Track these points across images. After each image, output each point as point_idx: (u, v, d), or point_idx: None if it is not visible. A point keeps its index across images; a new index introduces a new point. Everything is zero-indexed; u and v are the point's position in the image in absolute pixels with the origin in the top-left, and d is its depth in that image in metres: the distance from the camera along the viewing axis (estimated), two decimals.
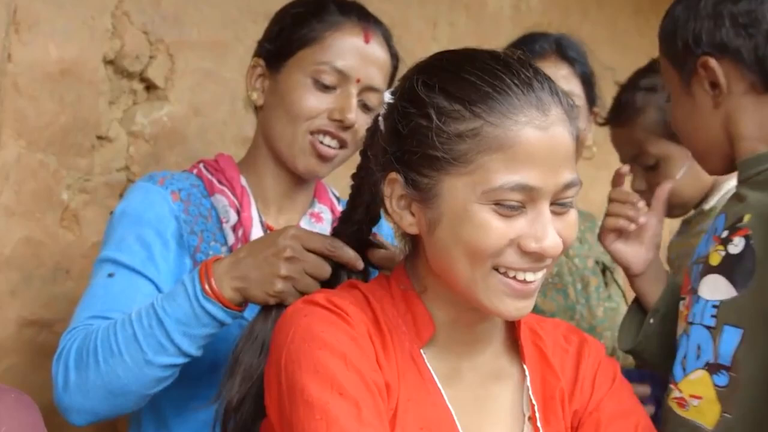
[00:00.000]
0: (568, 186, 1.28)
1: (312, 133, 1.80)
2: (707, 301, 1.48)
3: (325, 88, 1.79)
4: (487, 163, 1.25)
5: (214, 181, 1.84)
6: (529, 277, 1.30)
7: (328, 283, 1.54)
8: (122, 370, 1.55)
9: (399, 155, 1.32)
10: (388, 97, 1.39)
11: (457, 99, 1.27)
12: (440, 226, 1.30)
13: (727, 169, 1.62)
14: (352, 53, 1.80)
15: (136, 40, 2.16)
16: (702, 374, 1.46)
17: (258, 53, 1.89)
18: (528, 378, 1.41)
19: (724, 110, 1.54)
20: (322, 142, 1.80)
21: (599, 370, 1.45)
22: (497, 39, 2.99)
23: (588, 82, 2.35)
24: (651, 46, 2.45)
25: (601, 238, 1.82)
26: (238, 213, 1.81)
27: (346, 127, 1.79)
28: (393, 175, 1.34)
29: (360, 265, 1.57)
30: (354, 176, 1.56)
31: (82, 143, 2.08)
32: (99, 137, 2.12)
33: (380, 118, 1.40)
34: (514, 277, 1.29)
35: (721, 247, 1.49)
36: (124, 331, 1.57)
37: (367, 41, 1.82)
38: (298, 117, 1.79)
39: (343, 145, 1.82)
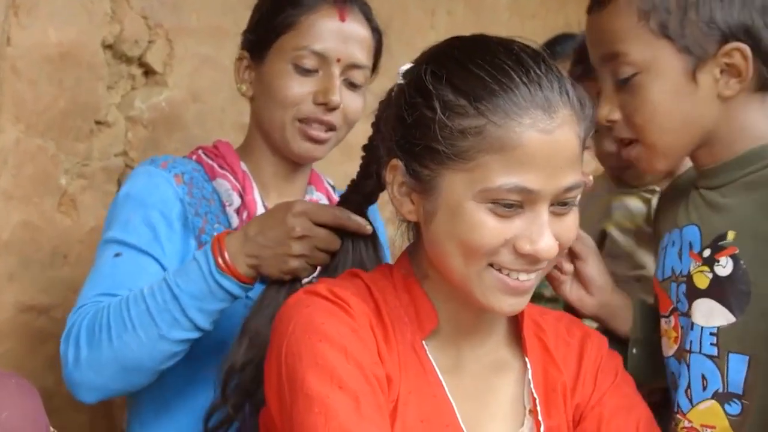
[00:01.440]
0: (569, 189, 1.27)
1: (300, 120, 1.80)
2: (703, 327, 1.43)
3: (307, 72, 1.79)
4: (488, 163, 1.24)
5: (215, 165, 1.84)
6: (523, 277, 1.29)
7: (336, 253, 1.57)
8: (136, 345, 1.57)
9: (402, 143, 1.31)
10: (401, 73, 1.36)
11: (463, 93, 1.26)
12: (436, 219, 1.30)
13: (669, 173, 1.56)
14: (330, 34, 1.80)
15: (135, 24, 2.15)
16: (712, 404, 1.42)
17: (243, 45, 1.89)
18: (530, 370, 1.41)
19: (726, 105, 1.43)
20: (311, 128, 1.80)
21: (602, 364, 1.44)
22: (495, 28, 2.99)
23: None
24: None
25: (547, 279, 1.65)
26: (241, 196, 1.81)
27: (332, 108, 1.79)
28: (395, 161, 1.33)
29: (369, 229, 1.58)
30: (365, 147, 1.57)
31: (81, 128, 2.07)
32: (97, 122, 2.11)
33: (393, 94, 1.38)
34: (509, 275, 1.29)
35: (706, 268, 1.44)
36: (137, 306, 1.58)
37: (343, 20, 1.81)
38: (284, 104, 1.80)
39: (332, 128, 1.82)
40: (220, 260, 1.58)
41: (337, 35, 1.80)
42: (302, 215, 1.58)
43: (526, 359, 1.42)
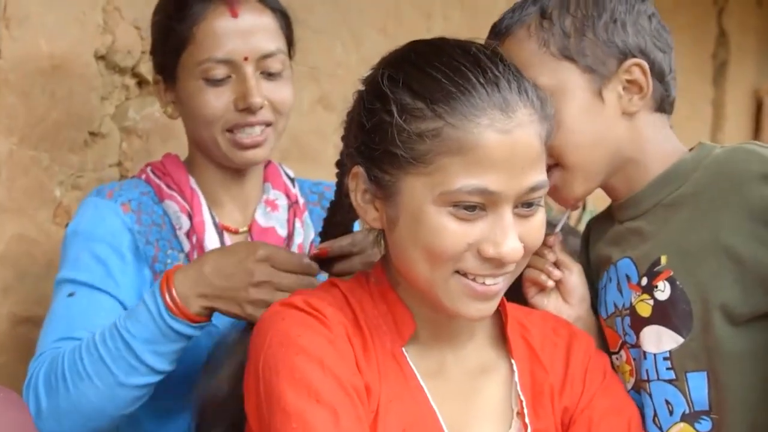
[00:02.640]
0: (532, 189, 1.26)
1: (229, 131, 1.74)
2: (656, 354, 1.45)
3: (219, 81, 1.72)
4: (447, 165, 1.23)
5: (163, 186, 1.79)
6: (490, 282, 1.28)
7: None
8: (93, 393, 1.53)
9: (362, 149, 1.30)
10: (363, 78, 1.35)
11: (419, 97, 1.25)
12: (399, 225, 1.28)
13: (583, 198, 1.56)
14: (227, 36, 1.71)
15: (127, 35, 2.15)
16: (683, 426, 1.43)
17: (154, 68, 1.84)
18: (516, 372, 1.40)
19: (632, 122, 1.48)
20: (243, 134, 1.74)
21: (590, 365, 1.43)
22: None
23: None
24: None
25: (522, 288, 1.62)
26: (190, 218, 1.77)
27: (256, 110, 1.72)
28: (356, 168, 1.32)
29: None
30: (338, 163, 1.54)
31: (75, 139, 2.07)
32: (91, 133, 2.11)
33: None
34: (474, 280, 1.27)
35: (646, 296, 1.46)
36: (89, 354, 1.54)
37: (235, 15, 1.72)
38: (208, 121, 1.73)
39: (267, 124, 1.75)
40: (169, 302, 1.53)
41: (235, 34, 1.71)
42: (263, 262, 1.53)
43: (512, 361, 1.41)
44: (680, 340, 1.43)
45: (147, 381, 1.56)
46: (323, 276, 1.59)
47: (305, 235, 1.85)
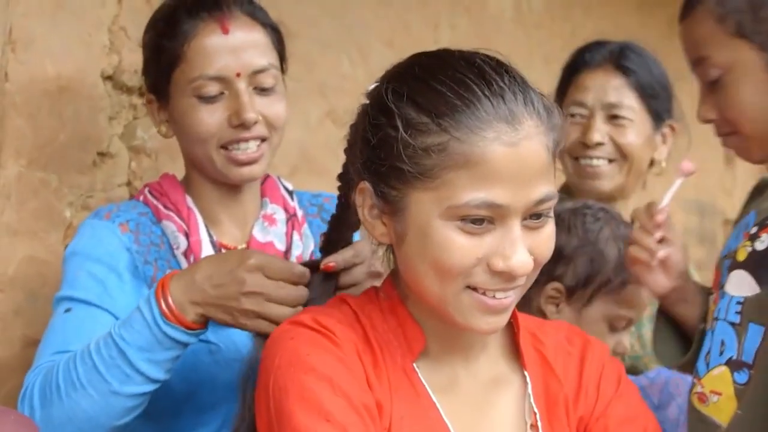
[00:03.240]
0: (540, 201, 1.25)
1: (224, 147, 1.73)
2: (732, 297, 1.47)
3: (212, 98, 1.71)
4: (453, 180, 1.22)
5: (160, 206, 1.79)
6: (500, 295, 1.27)
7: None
8: (87, 403, 1.52)
9: (368, 164, 1.30)
10: (367, 91, 1.34)
11: (424, 111, 1.24)
12: (407, 240, 1.28)
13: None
14: (218, 53, 1.71)
15: (133, 54, 2.14)
16: (723, 370, 1.45)
17: (146, 87, 1.84)
18: (529, 384, 1.39)
19: None
20: (238, 151, 1.73)
21: (603, 373, 1.42)
22: (499, 40, 2.98)
23: (649, 93, 2.30)
24: (656, 39, 2.45)
25: (625, 260, 1.82)
26: (187, 237, 1.76)
27: (250, 126, 1.72)
28: (363, 184, 1.31)
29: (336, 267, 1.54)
30: (341, 176, 1.52)
31: (83, 160, 2.07)
32: (100, 153, 2.11)
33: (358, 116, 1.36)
34: (485, 294, 1.26)
35: (748, 243, 1.48)
36: (84, 363, 1.54)
37: (226, 31, 1.72)
38: (202, 139, 1.73)
39: (262, 139, 1.75)
40: (164, 307, 1.51)
41: (226, 51, 1.71)
42: (256, 270, 1.51)
43: (525, 373, 1.39)
44: (757, 290, 1.44)
45: (141, 390, 1.54)
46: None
47: (304, 247, 1.84)
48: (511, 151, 1.22)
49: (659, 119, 2.32)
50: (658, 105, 2.32)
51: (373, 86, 1.35)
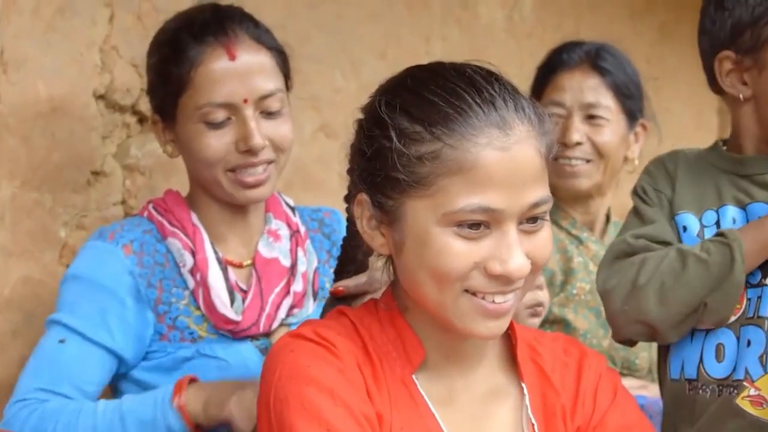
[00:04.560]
0: (536, 205, 1.26)
1: (231, 170, 1.74)
2: None
3: (219, 124, 1.72)
4: (448, 186, 1.23)
5: (165, 223, 1.79)
6: (499, 299, 1.28)
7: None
8: None
9: (365, 176, 1.31)
10: (357, 115, 1.36)
11: (417, 120, 1.25)
12: (405, 248, 1.29)
13: None
14: (225, 80, 1.71)
15: (125, 73, 2.16)
16: None
17: (152, 108, 1.84)
18: (527, 396, 1.38)
19: None
20: (246, 175, 1.75)
21: (600, 384, 1.42)
22: (491, 51, 2.99)
23: (624, 93, 2.35)
24: (647, 48, 2.46)
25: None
26: (193, 255, 1.76)
27: (257, 151, 1.73)
28: (361, 195, 1.32)
29: None
30: (347, 198, 1.52)
31: (77, 179, 2.08)
32: (94, 172, 2.12)
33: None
34: (484, 298, 1.27)
35: None
36: (85, 423, 1.57)
37: (233, 58, 1.72)
38: (209, 163, 1.74)
39: (269, 162, 1.76)
40: (176, 398, 1.57)
41: (233, 77, 1.71)
42: None
43: (523, 385, 1.39)
44: None
45: None
46: None
47: (308, 263, 1.84)
48: (503, 156, 1.23)
49: (633, 118, 2.37)
50: (632, 104, 2.36)
51: (362, 106, 1.36)
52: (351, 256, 1.58)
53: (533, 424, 1.37)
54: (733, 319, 1.52)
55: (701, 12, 1.62)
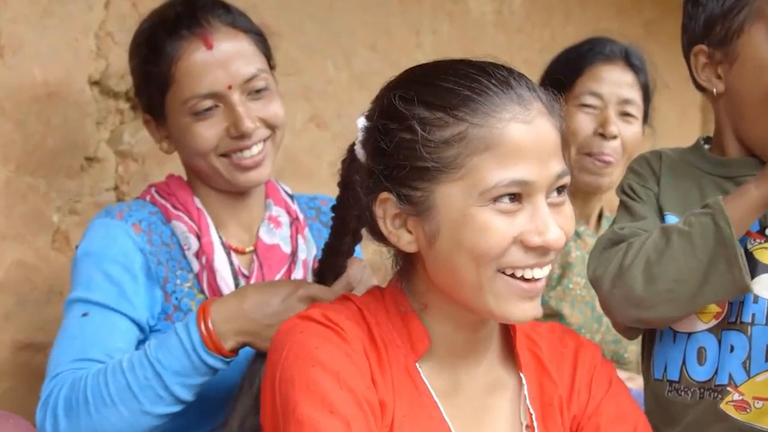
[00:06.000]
0: (559, 176, 1.29)
1: (225, 155, 1.75)
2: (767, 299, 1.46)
3: (207, 113, 1.73)
4: (478, 164, 1.25)
5: (169, 206, 1.80)
6: (537, 273, 1.29)
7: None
8: (117, 419, 1.54)
9: (387, 173, 1.31)
10: (361, 123, 1.37)
11: (437, 107, 1.27)
12: (440, 237, 1.29)
13: None
14: (206, 70, 1.71)
15: (120, 59, 2.15)
16: None
17: (141, 107, 1.85)
18: (525, 386, 1.41)
19: None
20: (242, 157, 1.75)
21: (595, 374, 1.45)
22: (481, 45, 3.01)
23: (647, 95, 2.38)
24: (634, 43, 2.48)
25: None
26: (198, 238, 1.77)
27: (250, 134, 1.73)
28: (384, 194, 1.32)
29: None
30: (335, 208, 1.55)
31: (71, 165, 2.08)
32: (87, 158, 2.12)
33: (356, 147, 1.38)
34: (522, 277, 1.28)
35: (766, 244, 1.48)
36: (116, 380, 1.55)
37: (210, 47, 1.72)
38: (202, 152, 1.75)
39: (264, 139, 1.76)
40: (205, 335, 1.54)
41: (214, 66, 1.71)
42: (307, 300, 1.55)
43: (521, 375, 1.41)
44: None
45: (170, 410, 1.56)
46: None
47: (308, 252, 1.86)
48: (528, 128, 1.26)
49: (645, 120, 2.40)
50: (648, 107, 2.40)
51: (362, 118, 1.37)
52: (342, 251, 1.60)
53: (531, 414, 1.39)
54: (714, 322, 1.52)
55: (683, 9, 1.63)
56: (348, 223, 1.52)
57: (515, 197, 1.26)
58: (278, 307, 1.54)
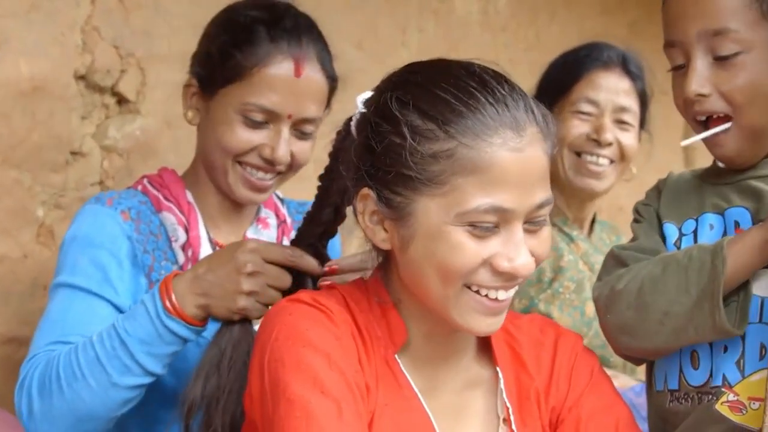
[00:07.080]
0: (541, 206, 1.29)
1: (242, 163, 1.77)
2: (764, 298, 1.44)
3: (256, 124, 1.74)
4: (462, 185, 1.25)
5: (160, 197, 1.81)
6: (501, 295, 1.30)
7: (290, 291, 1.53)
8: (87, 394, 1.54)
9: (372, 172, 1.31)
10: (360, 102, 1.37)
11: (431, 118, 1.27)
12: (413, 244, 1.30)
13: (738, 157, 1.53)
14: (282, 90, 1.73)
15: (106, 54, 2.17)
16: (766, 375, 1.41)
17: (191, 71, 1.84)
18: (501, 380, 1.41)
19: None
20: (254, 176, 1.78)
21: (576, 363, 1.45)
22: (466, 43, 3.02)
23: (644, 101, 2.39)
24: (619, 44, 2.49)
25: None
26: (187, 231, 1.78)
27: (279, 165, 1.76)
28: (365, 190, 1.33)
29: (320, 271, 1.57)
30: (322, 177, 1.56)
31: (56, 159, 2.08)
32: (72, 153, 2.13)
33: (352, 125, 1.39)
34: (486, 295, 1.30)
35: None
36: (86, 354, 1.55)
37: (298, 75, 1.74)
38: (227, 151, 1.76)
39: (278, 173, 1.79)
40: (167, 302, 1.54)
41: (289, 91, 1.73)
42: (254, 252, 1.55)
43: (498, 369, 1.42)
44: None
45: (139, 382, 1.56)
46: None
47: None
48: (517, 157, 1.26)
49: (642, 127, 2.41)
50: (645, 113, 2.41)
51: (367, 95, 1.37)
52: (313, 233, 1.60)
53: (508, 408, 1.40)
54: None
55: None
56: (331, 194, 1.52)
57: (492, 224, 1.26)
58: (225, 262, 1.55)
